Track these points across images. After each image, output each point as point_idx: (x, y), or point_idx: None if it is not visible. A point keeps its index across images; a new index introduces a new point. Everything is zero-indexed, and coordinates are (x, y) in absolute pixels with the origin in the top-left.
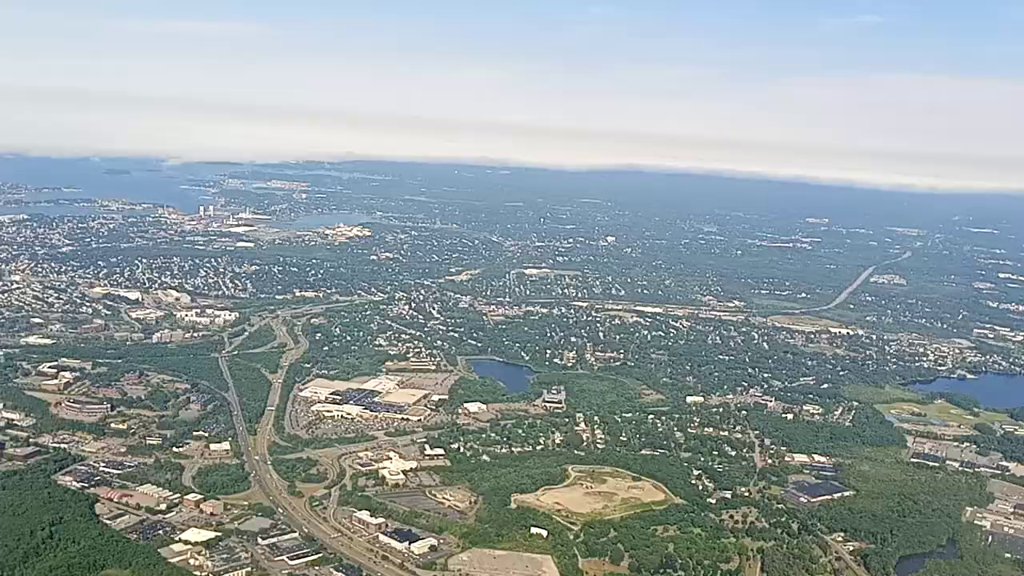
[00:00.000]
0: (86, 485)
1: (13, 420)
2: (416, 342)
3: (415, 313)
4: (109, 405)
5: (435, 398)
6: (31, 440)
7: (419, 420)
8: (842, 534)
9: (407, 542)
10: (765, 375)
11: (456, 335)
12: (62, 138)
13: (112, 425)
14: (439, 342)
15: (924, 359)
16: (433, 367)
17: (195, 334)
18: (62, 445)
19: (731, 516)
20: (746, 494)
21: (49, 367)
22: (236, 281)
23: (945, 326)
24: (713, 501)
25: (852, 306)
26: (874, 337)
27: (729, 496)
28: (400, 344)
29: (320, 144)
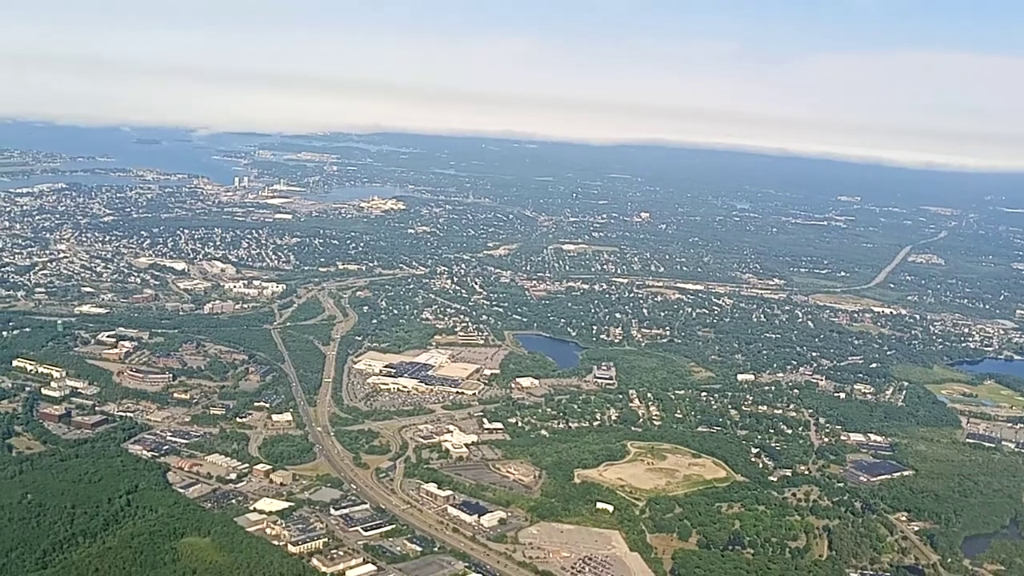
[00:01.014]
0: (156, 454)
1: (77, 388)
2: (462, 316)
3: (458, 287)
4: (171, 375)
5: (487, 372)
6: (96, 408)
7: (474, 394)
8: (905, 514)
9: (476, 515)
10: (813, 354)
11: (500, 310)
12: (90, 107)
13: (175, 395)
14: (484, 317)
15: (969, 340)
16: (481, 341)
17: (244, 305)
18: (127, 414)
19: (793, 494)
20: (805, 472)
21: (108, 336)
22: (279, 253)
23: (987, 307)
24: (774, 479)
25: (892, 285)
26: (918, 317)
27: (789, 474)
28: (446, 318)
29: (346, 115)
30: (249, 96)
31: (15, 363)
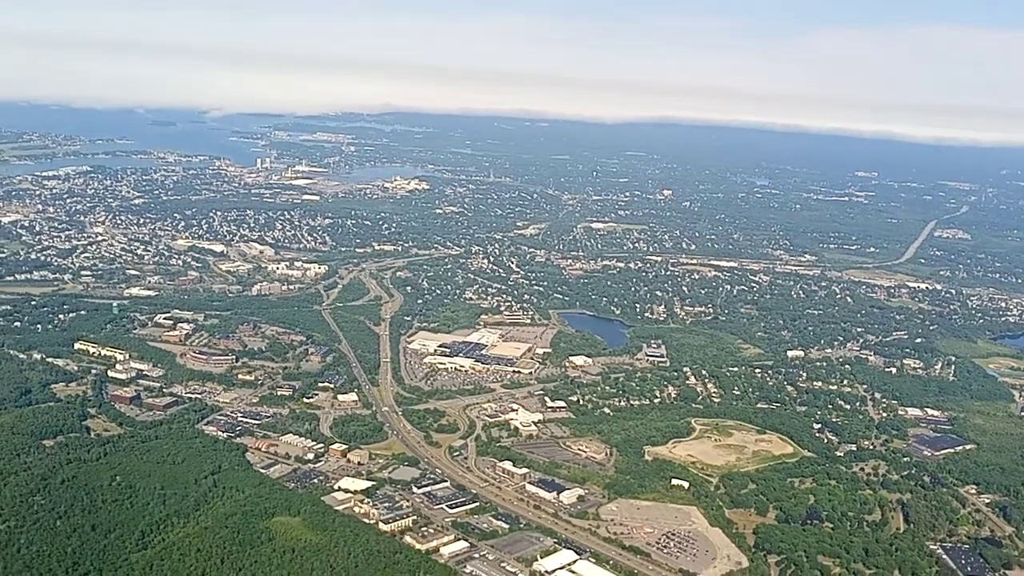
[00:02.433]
0: (231, 435)
1: (143, 370)
2: (504, 296)
3: (495, 267)
4: (234, 356)
5: (539, 351)
6: (164, 390)
7: (530, 373)
8: (974, 487)
9: (555, 492)
10: (858, 330)
11: (540, 289)
12: (104, 89)
13: (239, 376)
14: (526, 296)
15: (1008, 314)
16: (528, 321)
17: (290, 287)
18: (195, 395)
19: (861, 469)
20: (870, 447)
21: (164, 318)
22: (314, 235)
23: (1019, 281)
24: (840, 454)
25: (923, 260)
26: (953, 292)
27: (854, 449)
28: (489, 298)
29: (358, 96)
30: (260, 77)
31: (77, 346)
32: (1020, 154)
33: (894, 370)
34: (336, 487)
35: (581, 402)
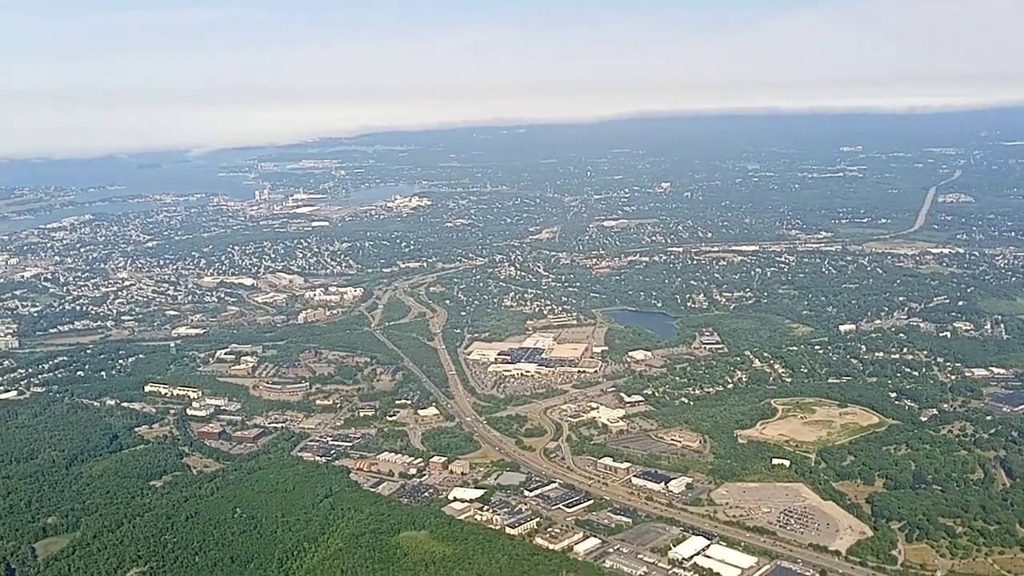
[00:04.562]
0: (328, 458)
1: (220, 406)
2: (542, 300)
3: (523, 273)
4: (306, 383)
5: (596, 350)
6: (246, 423)
7: (595, 371)
8: None
9: (662, 482)
10: (900, 299)
11: (575, 290)
12: (82, 138)
13: (317, 402)
14: (563, 298)
15: None
16: (574, 322)
17: (333, 312)
18: (278, 425)
19: (949, 431)
20: (950, 410)
21: (225, 354)
22: (336, 259)
23: None
24: (925, 419)
25: (936, 227)
26: (977, 254)
27: (936, 413)
28: (528, 303)
29: (333, 121)
30: (235, 112)
31: (148, 388)
32: (994, 115)
33: (948, 334)
34: (451, 498)
35: (655, 394)
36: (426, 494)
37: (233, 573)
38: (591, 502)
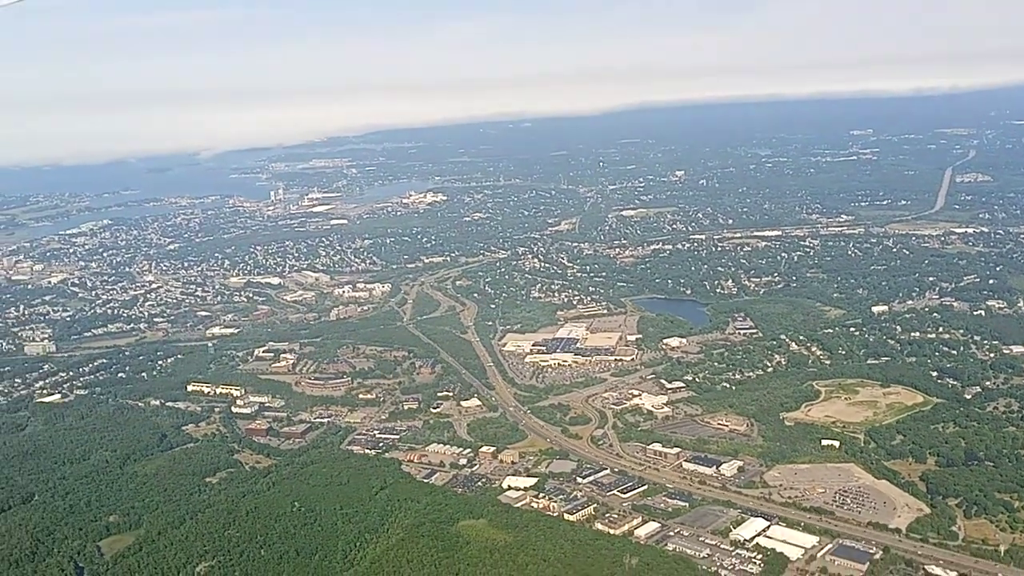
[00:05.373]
0: (377, 451)
1: (264, 403)
2: (570, 291)
3: (547, 264)
4: (348, 378)
5: (630, 338)
6: (292, 419)
7: (632, 359)
8: None
9: (713, 466)
10: (929, 279)
11: (601, 280)
12: (89, 144)
13: (360, 396)
14: (591, 288)
15: None
16: (604, 311)
17: (364, 308)
18: (324, 420)
19: (995, 408)
20: (993, 387)
21: (264, 352)
22: (359, 256)
23: None
24: (969, 396)
25: (957, 207)
26: (1002, 233)
27: (979, 390)
28: (556, 294)
29: (339, 119)
30: (242, 114)
31: (190, 388)
32: (1002, 94)
33: (982, 312)
34: (504, 486)
35: (697, 380)
36: (479, 483)
37: (299, 565)
38: (645, 487)
